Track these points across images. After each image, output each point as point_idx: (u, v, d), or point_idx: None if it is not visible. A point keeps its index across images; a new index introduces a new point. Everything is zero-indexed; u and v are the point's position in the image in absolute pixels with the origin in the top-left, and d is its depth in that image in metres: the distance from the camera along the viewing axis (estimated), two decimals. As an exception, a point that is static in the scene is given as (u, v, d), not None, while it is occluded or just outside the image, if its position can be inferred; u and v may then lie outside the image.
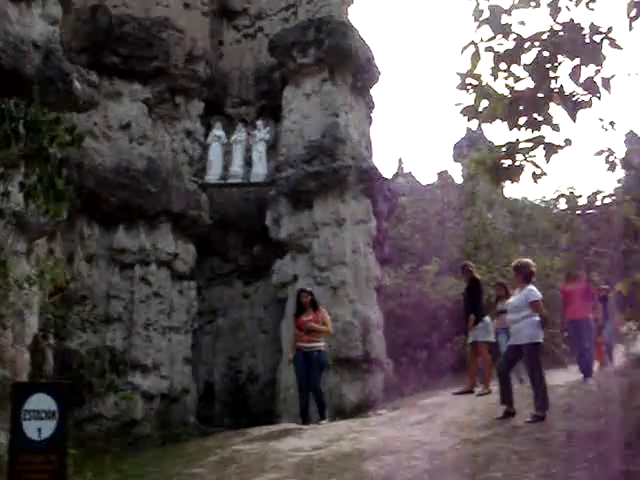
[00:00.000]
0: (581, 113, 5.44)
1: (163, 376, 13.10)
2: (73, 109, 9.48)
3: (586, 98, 5.44)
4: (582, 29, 5.37)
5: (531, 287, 8.94)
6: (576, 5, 5.51)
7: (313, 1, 16.23)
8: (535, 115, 5.37)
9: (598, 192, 8.98)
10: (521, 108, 5.35)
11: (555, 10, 5.45)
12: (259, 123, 16.01)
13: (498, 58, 5.28)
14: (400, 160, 34.64)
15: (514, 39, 5.29)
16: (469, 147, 31.61)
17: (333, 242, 13.95)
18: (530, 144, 5.40)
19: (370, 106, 16.93)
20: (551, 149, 5.29)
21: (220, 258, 15.51)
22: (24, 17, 9.27)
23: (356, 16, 19.67)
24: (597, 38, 5.35)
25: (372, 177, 14.68)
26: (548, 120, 5.35)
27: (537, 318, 8.74)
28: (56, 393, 3.86)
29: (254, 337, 15.15)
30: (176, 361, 13.58)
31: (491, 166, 5.54)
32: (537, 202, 32.51)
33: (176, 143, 15.15)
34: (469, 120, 5.56)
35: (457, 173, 33.00)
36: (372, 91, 16.91)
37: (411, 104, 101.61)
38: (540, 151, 5.36)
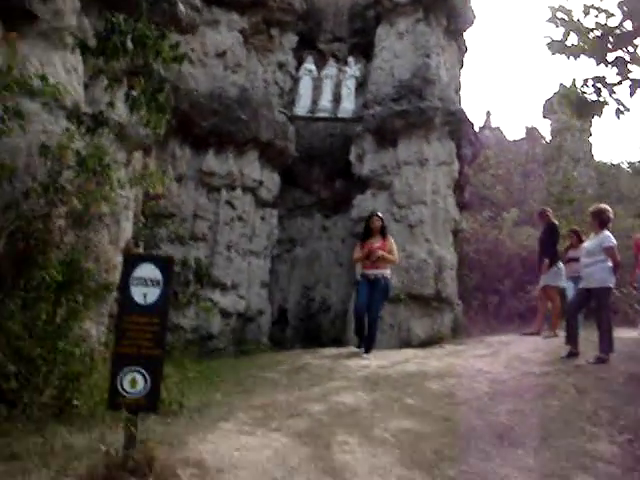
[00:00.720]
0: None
1: (241, 296, 13.62)
2: (176, 30, 9.88)
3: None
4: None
5: (607, 233, 9.02)
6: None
7: (412, -60, 16.18)
8: (622, 53, 5.48)
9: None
10: (609, 45, 5.47)
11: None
12: (350, 60, 16.21)
13: (592, -8, 5.40)
14: (488, 113, 34.27)
15: (609, -25, 5.41)
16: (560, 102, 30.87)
17: (414, 181, 14.08)
18: (617, 79, 5.51)
19: (462, 50, 16.83)
20: (636, 84, 5.40)
21: (302, 190, 15.86)
22: (135, -62, 9.70)
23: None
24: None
25: (458, 120, 14.68)
26: (635, 59, 5.46)
27: (610, 264, 8.86)
28: (161, 264, 4.34)
29: (329, 268, 15.51)
30: (253, 284, 14.09)
31: (576, 99, 5.67)
32: (624, 165, 31.86)
33: (268, 74, 15.56)
34: (553, 54, 5.69)
35: (546, 130, 32.45)
36: (465, 35, 16.82)
37: (504, 56, 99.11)
38: (625, 88, 5.48)
